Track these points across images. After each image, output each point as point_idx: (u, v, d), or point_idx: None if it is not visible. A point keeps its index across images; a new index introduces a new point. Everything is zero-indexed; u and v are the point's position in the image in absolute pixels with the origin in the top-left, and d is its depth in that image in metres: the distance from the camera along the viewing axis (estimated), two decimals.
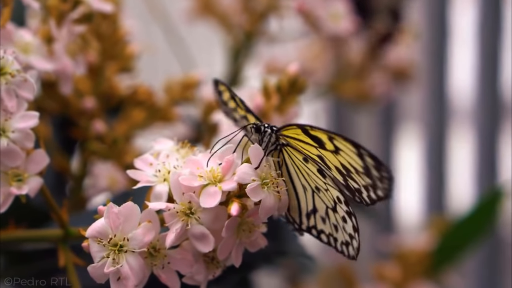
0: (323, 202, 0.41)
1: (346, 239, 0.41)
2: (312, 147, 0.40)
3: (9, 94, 0.40)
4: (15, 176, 0.41)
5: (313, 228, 0.42)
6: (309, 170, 0.41)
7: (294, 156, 0.41)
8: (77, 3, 0.47)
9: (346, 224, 0.41)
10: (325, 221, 0.41)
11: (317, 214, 0.41)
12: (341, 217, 0.41)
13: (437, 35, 1.13)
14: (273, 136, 0.41)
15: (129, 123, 0.58)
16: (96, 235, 0.38)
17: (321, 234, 0.42)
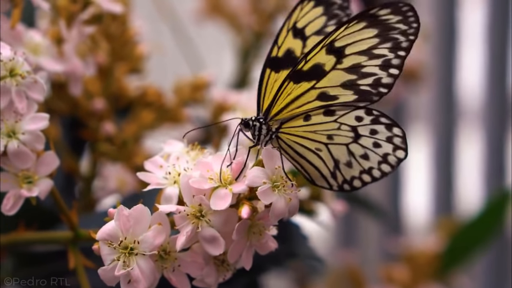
0: (341, 144, 0.40)
1: (383, 153, 0.40)
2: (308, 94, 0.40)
3: (19, 96, 0.40)
4: (25, 178, 0.41)
5: (344, 183, 0.41)
6: (315, 125, 0.40)
7: (294, 129, 0.40)
8: (87, 4, 0.47)
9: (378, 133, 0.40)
10: (350, 164, 0.40)
11: (341, 165, 0.40)
12: (369, 133, 0.40)
13: (446, 36, 1.12)
14: (263, 128, 0.40)
15: (138, 124, 0.58)
16: (107, 238, 0.38)
17: (353, 181, 0.40)
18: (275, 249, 0.41)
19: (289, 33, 0.42)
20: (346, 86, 0.40)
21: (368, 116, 0.40)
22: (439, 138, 1.15)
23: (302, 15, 0.42)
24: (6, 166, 0.41)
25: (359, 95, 0.40)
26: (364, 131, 0.40)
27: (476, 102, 1.21)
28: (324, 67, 0.40)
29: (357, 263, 0.79)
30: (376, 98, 0.40)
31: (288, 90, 0.40)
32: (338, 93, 0.40)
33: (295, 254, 0.51)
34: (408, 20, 0.39)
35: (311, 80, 0.40)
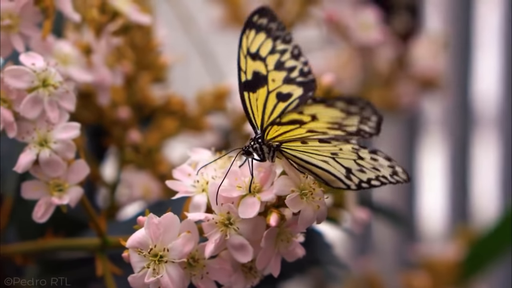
0: (348, 159, 0.41)
1: (390, 170, 0.41)
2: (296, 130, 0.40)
3: (51, 106, 0.41)
4: (56, 186, 0.42)
5: (361, 182, 0.41)
6: (314, 147, 0.41)
7: (294, 146, 0.41)
8: (115, 15, 0.48)
9: (378, 161, 0.40)
10: (364, 171, 0.41)
11: (353, 171, 0.41)
12: (370, 159, 0.40)
13: (461, 42, 1.13)
14: (264, 148, 0.41)
15: (161, 132, 0.59)
16: (137, 246, 0.39)
17: (371, 182, 0.41)
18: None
19: (247, 58, 0.43)
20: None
21: (364, 149, 0.41)
22: (455, 145, 1.15)
23: (251, 41, 0.43)
24: (38, 174, 0.41)
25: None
26: (365, 156, 0.41)
27: (492, 109, 1.21)
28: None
29: (375, 270, 0.79)
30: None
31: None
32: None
33: (319, 261, 0.51)
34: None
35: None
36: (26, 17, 0.44)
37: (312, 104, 0.39)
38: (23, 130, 0.41)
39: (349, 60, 0.79)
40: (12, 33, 0.43)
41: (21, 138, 0.41)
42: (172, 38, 0.59)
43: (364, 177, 0.41)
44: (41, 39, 0.45)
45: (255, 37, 0.43)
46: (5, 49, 0.44)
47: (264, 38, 0.43)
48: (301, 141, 0.40)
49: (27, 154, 0.41)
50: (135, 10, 0.49)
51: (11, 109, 0.41)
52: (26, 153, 0.41)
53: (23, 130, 0.41)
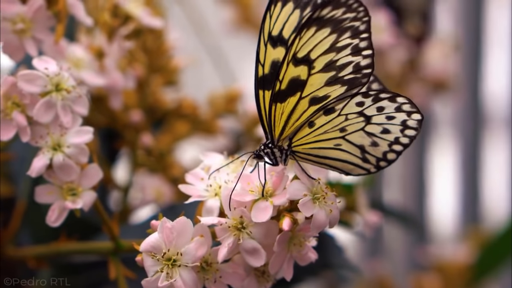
0: (357, 132, 0.40)
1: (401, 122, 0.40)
2: (300, 105, 0.40)
3: (64, 110, 0.41)
4: (70, 190, 0.42)
5: (379, 161, 0.40)
6: (322, 127, 0.40)
7: (305, 139, 0.40)
8: (128, 19, 0.48)
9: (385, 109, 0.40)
10: (376, 144, 0.40)
11: (367, 148, 0.40)
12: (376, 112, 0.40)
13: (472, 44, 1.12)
14: (275, 151, 0.41)
15: (172, 136, 0.59)
16: (150, 250, 0.39)
17: (387, 156, 0.40)
18: None
19: (268, 46, 0.41)
20: (331, 83, 0.40)
21: (367, 98, 0.40)
22: (465, 146, 1.15)
23: (274, 21, 0.41)
24: (51, 179, 0.42)
25: (348, 85, 0.40)
26: (371, 112, 0.40)
27: (502, 110, 1.21)
28: (301, 78, 0.40)
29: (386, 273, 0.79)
30: (365, 80, 0.40)
31: (279, 111, 0.40)
32: (327, 92, 0.40)
33: (330, 264, 0.51)
34: (352, 7, 0.39)
35: (295, 93, 0.40)
36: (39, 21, 0.44)
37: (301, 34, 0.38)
38: (37, 134, 0.41)
39: None
40: (25, 37, 0.44)
41: (35, 142, 0.41)
42: (183, 41, 0.59)
43: (379, 152, 0.40)
44: (53, 43, 0.45)
45: (281, 11, 0.41)
46: (18, 53, 0.44)
47: (292, 8, 0.41)
48: (308, 124, 0.40)
49: (41, 158, 0.41)
50: (147, 14, 0.49)
51: (25, 114, 0.41)
52: (40, 158, 0.41)
53: (36, 134, 0.41)
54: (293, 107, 0.40)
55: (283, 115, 0.40)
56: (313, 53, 0.40)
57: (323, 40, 0.39)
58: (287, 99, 0.40)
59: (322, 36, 0.39)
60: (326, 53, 0.40)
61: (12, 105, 0.41)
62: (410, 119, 0.40)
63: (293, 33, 0.41)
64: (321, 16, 0.39)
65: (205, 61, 0.70)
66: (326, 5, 0.39)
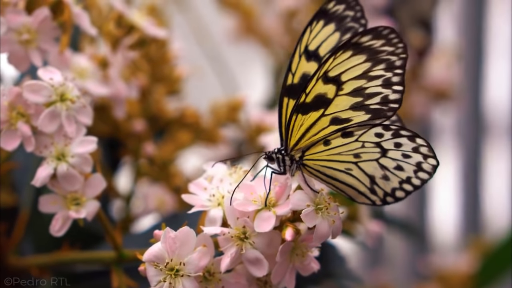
0: (371, 161, 0.40)
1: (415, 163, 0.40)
2: (320, 121, 0.40)
3: (69, 120, 0.41)
4: (73, 200, 0.42)
5: (386, 196, 0.40)
6: (337, 148, 0.40)
7: (317, 155, 0.40)
8: (132, 29, 0.48)
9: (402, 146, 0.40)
10: (387, 178, 0.40)
11: (377, 180, 0.40)
12: (394, 147, 0.40)
13: (473, 52, 1.13)
14: (286, 159, 0.41)
15: (175, 145, 0.59)
16: (153, 260, 0.39)
17: (396, 193, 0.40)
18: None
19: (302, 57, 0.42)
20: (356, 108, 0.40)
21: (387, 131, 0.40)
22: (467, 155, 1.15)
23: (313, 37, 0.42)
24: (55, 188, 0.42)
25: (372, 114, 0.40)
26: (388, 145, 0.40)
27: (503, 119, 1.21)
28: (327, 96, 0.40)
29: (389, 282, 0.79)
30: (390, 114, 0.40)
31: (299, 122, 0.41)
32: (350, 115, 0.40)
33: (333, 274, 0.51)
34: (392, 42, 0.39)
35: (319, 109, 0.40)
36: (44, 32, 0.44)
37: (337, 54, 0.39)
38: (41, 144, 0.41)
39: None
40: (30, 47, 0.44)
41: (39, 152, 0.41)
42: (186, 51, 0.59)
43: (388, 187, 0.40)
44: (58, 54, 0.45)
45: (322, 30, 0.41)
46: (23, 64, 0.44)
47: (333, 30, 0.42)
48: (324, 142, 0.40)
49: (45, 168, 0.41)
50: (151, 24, 0.49)
51: (29, 124, 0.41)
52: (44, 167, 0.41)
53: (41, 144, 0.41)
54: (314, 121, 0.40)
55: (302, 127, 0.41)
56: (344, 75, 0.40)
57: (356, 65, 0.40)
58: (309, 112, 0.40)
59: (357, 61, 0.39)
60: (357, 78, 0.40)
61: (17, 115, 0.41)
62: (425, 162, 0.40)
63: (328, 52, 0.41)
64: (360, 43, 0.39)
65: (207, 71, 0.70)
66: (366, 33, 0.39)
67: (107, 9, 0.55)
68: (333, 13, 0.42)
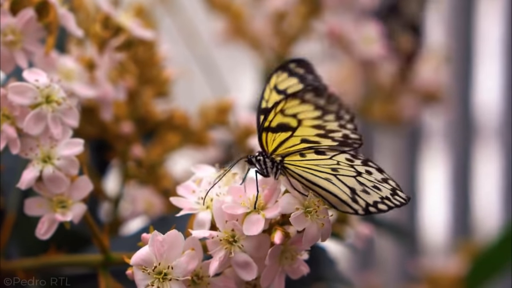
0: (349, 176, 0.40)
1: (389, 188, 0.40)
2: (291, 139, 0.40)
3: (54, 122, 0.41)
4: (60, 203, 0.41)
5: (369, 206, 0.40)
6: (314, 161, 0.40)
7: (296, 161, 0.40)
8: (119, 31, 0.47)
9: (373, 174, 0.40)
10: (367, 191, 0.40)
11: (358, 192, 0.40)
12: (365, 172, 0.40)
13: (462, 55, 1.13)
14: (267, 161, 0.41)
15: (163, 147, 0.58)
16: (141, 263, 0.38)
17: (378, 205, 0.40)
18: None
19: (272, 91, 0.43)
20: (322, 136, 0.40)
21: (356, 159, 0.40)
22: (456, 157, 1.15)
23: (281, 81, 0.43)
24: (41, 191, 0.41)
25: (339, 142, 0.40)
26: (361, 170, 0.40)
27: (493, 122, 1.21)
28: (290, 124, 0.40)
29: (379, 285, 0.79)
30: (356, 146, 0.40)
31: (270, 138, 0.41)
32: (318, 139, 0.40)
33: (323, 277, 0.51)
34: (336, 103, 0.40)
35: (287, 131, 0.40)
36: (29, 33, 0.44)
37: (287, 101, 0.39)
38: (27, 146, 0.41)
39: (351, 74, 0.79)
40: (15, 49, 0.43)
41: (25, 154, 0.41)
42: (175, 53, 0.59)
43: (370, 199, 0.40)
44: (44, 55, 0.44)
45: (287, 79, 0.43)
46: (8, 65, 0.44)
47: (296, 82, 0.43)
48: (300, 154, 0.40)
49: (31, 170, 0.41)
50: (138, 25, 0.49)
51: (15, 126, 0.41)
52: (30, 170, 0.41)
53: (26, 146, 0.41)
54: (285, 139, 0.41)
55: (275, 141, 0.41)
56: (300, 115, 0.40)
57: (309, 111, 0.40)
58: (278, 132, 0.41)
59: (308, 108, 0.40)
60: (313, 119, 0.40)
61: (2, 117, 0.41)
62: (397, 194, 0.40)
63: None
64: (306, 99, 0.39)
65: (196, 73, 0.70)
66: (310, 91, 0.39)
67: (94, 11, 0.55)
68: (295, 72, 0.43)
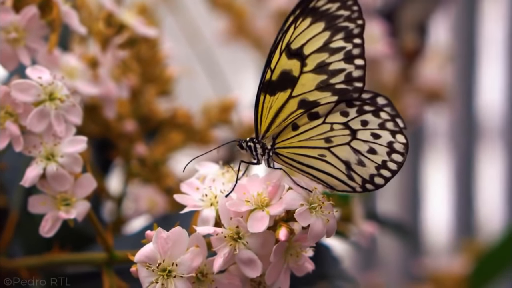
0: (342, 144, 0.39)
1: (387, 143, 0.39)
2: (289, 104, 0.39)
3: (58, 119, 0.41)
4: (63, 200, 0.41)
5: (366, 183, 0.39)
6: (306, 133, 0.40)
7: (288, 142, 0.40)
8: (122, 28, 0.47)
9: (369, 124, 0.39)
10: (363, 163, 0.39)
11: (353, 166, 0.39)
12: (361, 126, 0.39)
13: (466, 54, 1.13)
14: (258, 147, 0.40)
15: (166, 146, 0.58)
16: (145, 260, 0.38)
17: (374, 179, 0.39)
18: None
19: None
20: (322, 88, 0.39)
21: (351, 108, 0.39)
22: (459, 157, 1.15)
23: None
24: (45, 189, 0.41)
25: (338, 95, 0.39)
26: (356, 125, 0.39)
27: (496, 122, 1.21)
28: (293, 73, 0.39)
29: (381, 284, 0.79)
30: (356, 95, 0.39)
31: (267, 104, 0.40)
32: (317, 97, 0.39)
33: (326, 276, 0.51)
34: (346, 5, 0.38)
35: (286, 89, 0.39)
36: (32, 31, 0.44)
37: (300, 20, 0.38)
38: (30, 144, 0.41)
39: None
40: (18, 46, 0.43)
41: (28, 152, 0.41)
42: (178, 51, 0.59)
43: (365, 174, 0.39)
44: (47, 53, 0.44)
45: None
46: (11, 63, 0.43)
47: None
48: (292, 126, 0.40)
49: (34, 168, 0.40)
50: (141, 23, 0.49)
51: (18, 123, 0.41)
52: (33, 167, 0.40)
53: (29, 144, 0.41)
54: (282, 104, 0.40)
55: (271, 110, 0.40)
56: (306, 47, 0.39)
57: (317, 35, 0.39)
58: (276, 93, 0.40)
59: (317, 30, 0.39)
60: (319, 51, 0.39)
61: (5, 115, 0.41)
62: (396, 141, 0.39)
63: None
64: (317, 7, 0.38)
65: (199, 71, 0.70)
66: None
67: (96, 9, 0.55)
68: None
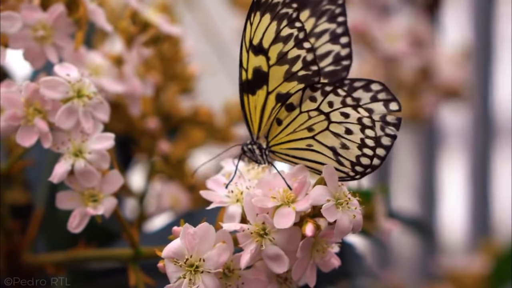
0: (322, 130, 0.39)
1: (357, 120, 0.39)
2: (268, 100, 0.39)
3: (86, 116, 0.41)
4: (91, 197, 0.42)
5: (355, 166, 0.39)
6: (290, 126, 0.40)
7: (278, 138, 0.40)
8: (146, 26, 0.48)
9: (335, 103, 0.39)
10: (345, 146, 0.39)
11: (339, 150, 0.39)
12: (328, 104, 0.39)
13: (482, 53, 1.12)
14: (254, 148, 0.41)
15: (188, 143, 0.59)
16: (173, 256, 0.39)
17: (360, 159, 0.39)
18: None
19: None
20: (288, 79, 0.39)
21: (316, 92, 0.39)
22: (475, 156, 1.15)
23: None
24: (72, 185, 0.41)
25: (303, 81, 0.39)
26: (326, 108, 0.39)
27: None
28: (263, 69, 0.39)
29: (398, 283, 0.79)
30: (345, 74, 0.39)
31: (252, 104, 0.40)
32: (288, 88, 0.39)
33: (350, 273, 0.51)
34: None
35: (262, 86, 0.40)
36: (59, 28, 0.44)
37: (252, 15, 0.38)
38: (58, 140, 0.41)
39: (373, 71, 0.79)
40: (46, 44, 0.44)
41: (56, 148, 0.41)
42: (199, 49, 0.59)
43: (352, 156, 0.39)
44: (73, 50, 0.45)
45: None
46: (39, 60, 0.44)
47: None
48: (277, 122, 0.40)
49: (62, 164, 0.41)
50: (165, 21, 0.49)
51: (46, 120, 0.41)
52: (61, 164, 0.41)
53: (58, 140, 0.41)
54: (264, 101, 0.40)
55: (257, 109, 0.40)
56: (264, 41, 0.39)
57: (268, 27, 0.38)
58: (256, 91, 0.40)
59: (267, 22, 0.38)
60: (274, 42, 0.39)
61: (34, 112, 0.41)
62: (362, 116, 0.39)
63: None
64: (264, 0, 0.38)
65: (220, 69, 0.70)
66: None
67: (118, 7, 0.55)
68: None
